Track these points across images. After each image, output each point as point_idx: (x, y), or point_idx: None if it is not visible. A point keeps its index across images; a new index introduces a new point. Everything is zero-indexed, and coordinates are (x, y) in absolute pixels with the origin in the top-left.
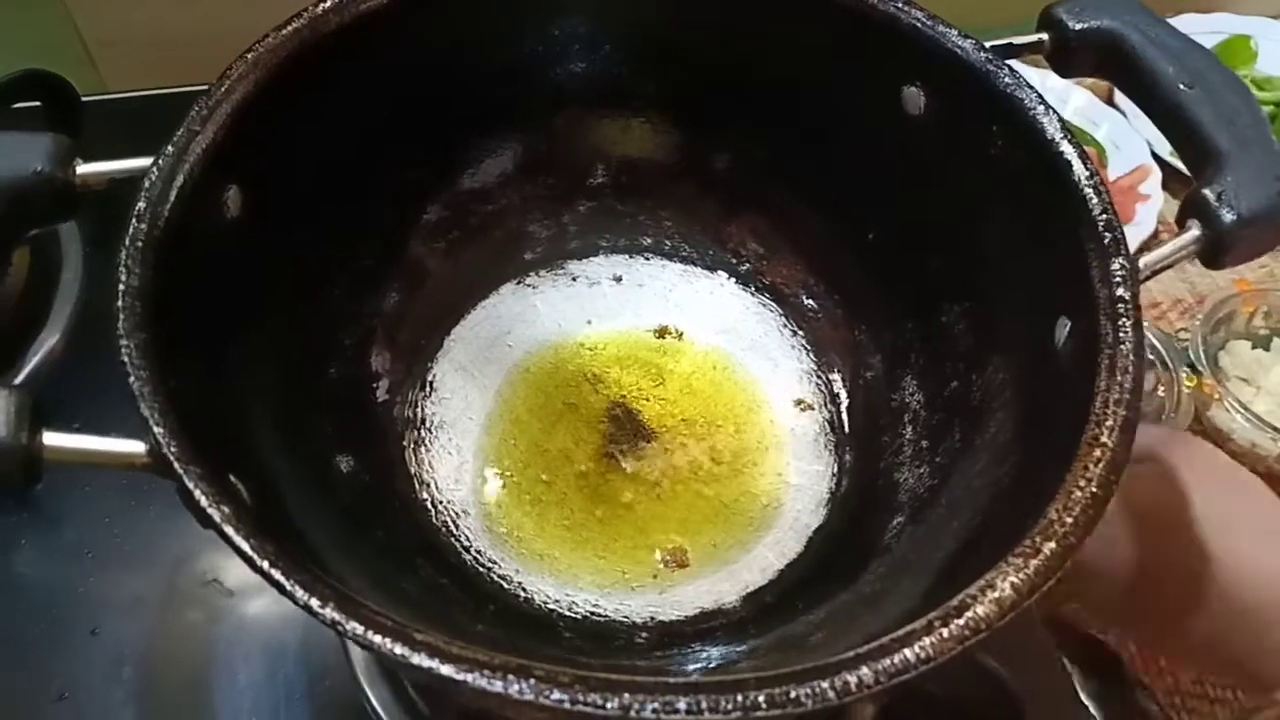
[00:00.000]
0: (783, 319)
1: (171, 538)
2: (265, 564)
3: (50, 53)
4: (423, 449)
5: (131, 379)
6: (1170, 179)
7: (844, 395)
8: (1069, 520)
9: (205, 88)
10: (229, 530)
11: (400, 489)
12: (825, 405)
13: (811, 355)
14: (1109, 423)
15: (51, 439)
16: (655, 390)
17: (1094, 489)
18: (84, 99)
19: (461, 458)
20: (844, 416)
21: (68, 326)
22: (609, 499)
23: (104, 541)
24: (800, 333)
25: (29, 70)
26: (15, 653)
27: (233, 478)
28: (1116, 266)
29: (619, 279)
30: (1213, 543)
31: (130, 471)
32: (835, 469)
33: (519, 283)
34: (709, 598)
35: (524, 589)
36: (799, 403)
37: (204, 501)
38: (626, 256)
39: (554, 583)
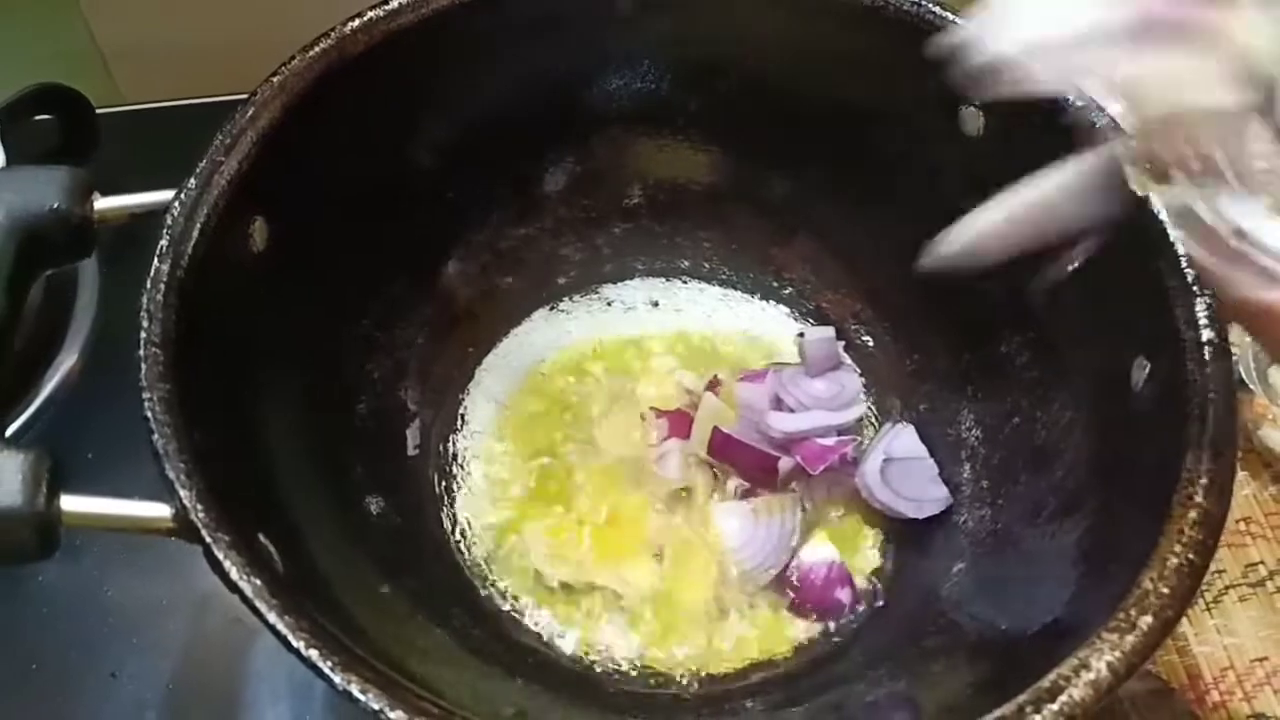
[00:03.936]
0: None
1: (194, 574)
2: (301, 645)
3: (66, 63)
4: (455, 485)
5: (155, 436)
6: None
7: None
8: (1165, 591)
9: (223, 100)
10: (261, 606)
11: (431, 530)
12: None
13: (860, 382)
14: (1203, 480)
15: (70, 503)
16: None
17: (1190, 555)
18: (100, 111)
19: (495, 494)
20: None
21: (85, 347)
22: (650, 538)
23: (123, 579)
24: (848, 358)
25: (43, 84)
26: (31, 697)
27: (262, 537)
28: (1202, 306)
29: (656, 303)
30: None
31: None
32: None
33: (552, 308)
34: (757, 646)
35: (562, 637)
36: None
37: (234, 574)
38: (663, 280)
39: (595, 631)
